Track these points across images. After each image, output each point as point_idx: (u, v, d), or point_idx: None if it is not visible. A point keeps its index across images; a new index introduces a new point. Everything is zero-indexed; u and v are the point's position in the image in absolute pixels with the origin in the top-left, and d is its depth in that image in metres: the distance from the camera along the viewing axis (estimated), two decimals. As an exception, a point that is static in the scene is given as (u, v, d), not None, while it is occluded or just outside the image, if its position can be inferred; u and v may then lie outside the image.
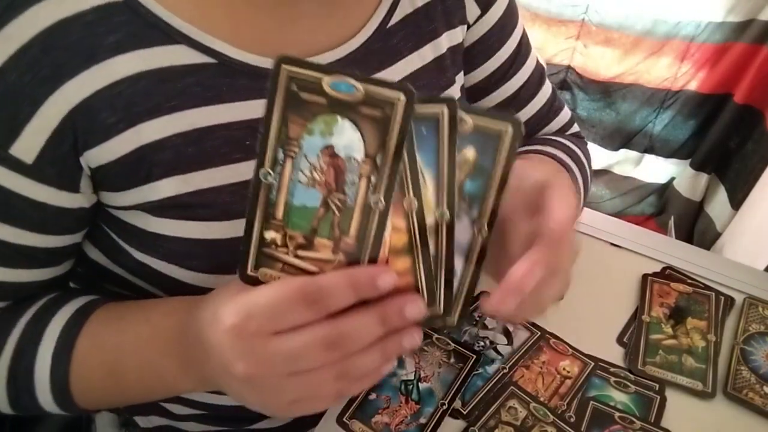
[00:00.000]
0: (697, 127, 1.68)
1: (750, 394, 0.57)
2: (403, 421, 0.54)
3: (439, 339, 0.60)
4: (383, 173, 0.34)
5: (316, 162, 0.34)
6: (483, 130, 0.36)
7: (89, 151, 0.44)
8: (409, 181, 0.36)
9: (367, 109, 0.33)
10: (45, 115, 0.42)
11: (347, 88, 0.32)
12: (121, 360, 0.47)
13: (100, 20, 0.42)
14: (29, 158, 0.43)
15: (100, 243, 0.52)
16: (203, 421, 0.64)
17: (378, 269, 0.35)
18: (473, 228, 0.38)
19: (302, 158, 0.34)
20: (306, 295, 0.35)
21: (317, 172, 0.34)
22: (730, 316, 0.65)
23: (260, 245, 0.36)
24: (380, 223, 0.35)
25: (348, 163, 0.34)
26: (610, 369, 0.59)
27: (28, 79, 0.41)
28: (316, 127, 0.33)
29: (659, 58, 1.63)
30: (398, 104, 0.32)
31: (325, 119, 0.33)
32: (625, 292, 0.68)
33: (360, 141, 0.33)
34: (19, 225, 0.45)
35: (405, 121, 0.33)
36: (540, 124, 0.71)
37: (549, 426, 0.54)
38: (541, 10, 1.69)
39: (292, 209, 0.35)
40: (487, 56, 0.64)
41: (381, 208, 0.34)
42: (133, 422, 0.70)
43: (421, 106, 0.34)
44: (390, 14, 0.54)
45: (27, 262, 0.48)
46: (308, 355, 0.36)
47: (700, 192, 1.72)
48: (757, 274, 0.71)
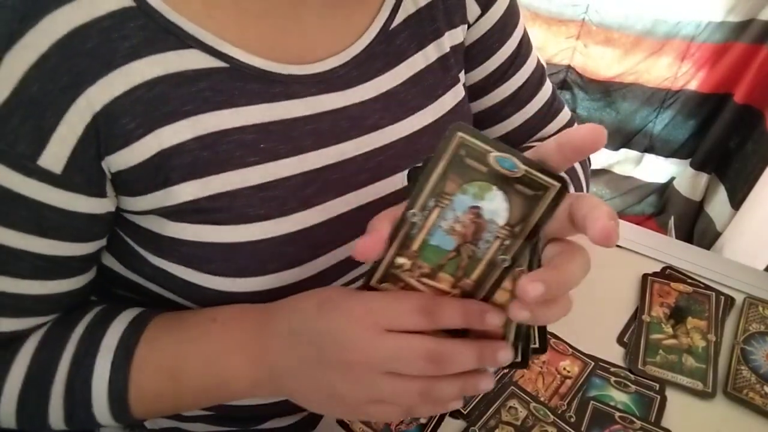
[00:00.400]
0: (697, 126, 1.68)
1: (750, 393, 0.58)
2: (403, 421, 0.54)
3: (439, 339, 0.60)
4: (517, 241, 0.37)
5: (461, 217, 0.38)
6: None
7: (110, 156, 0.44)
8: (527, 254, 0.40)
9: (521, 187, 0.36)
10: (69, 123, 0.41)
11: (511, 166, 0.36)
12: (181, 362, 0.47)
13: (116, 26, 0.42)
14: (58, 168, 0.42)
15: (114, 248, 0.52)
16: (211, 422, 0.64)
17: (489, 307, 0.39)
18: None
19: (450, 210, 0.38)
20: (424, 306, 0.39)
21: (459, 225, 0.38)
22: (730, 316, 0.65)
23: (390, 266, 0.41)
24: (500, 277, 0.39)
25: (489, 224, 0.37)
26: (611, 369, 0.59)
27: (50, 87, 0.41)
28: (471, 190, 0.37)
29: (659, 57, 1.63)
30: (551, 190, 0.35)
31: (480, 185, 0.37)
32: (625, 292, 0.68)
33: (506, 211, 0.37)
34: (53, 236, 0.45)
35: (552, 207, 0.36)
36: (540, 124, 0.70)
37: (549, 426, 0.54)
38: (542, 9, 1.69)
39: (427, 246, 0.39)
40: (487, 56, 0.64)
41: (506, 265, 0.38)
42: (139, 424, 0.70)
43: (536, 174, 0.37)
44: (393, 15, 0.54)
45: (63, 273, 0.48)
46: (410, 358, 0.40)
47: (700, 192, 1.72)
48: (757, 274, 0.71)
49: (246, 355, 0.46)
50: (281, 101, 0.48)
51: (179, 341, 0.48)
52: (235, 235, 0.47)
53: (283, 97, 0.48)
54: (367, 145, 0.52)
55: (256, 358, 0.45)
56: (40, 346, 0.48)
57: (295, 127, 0.49)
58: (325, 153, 0.50)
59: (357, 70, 0.52)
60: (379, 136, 0.53)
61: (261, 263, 0.49)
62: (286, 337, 0.44)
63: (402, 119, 0.55)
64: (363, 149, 0.52)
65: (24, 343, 0.48)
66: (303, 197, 0.49)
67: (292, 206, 0.49)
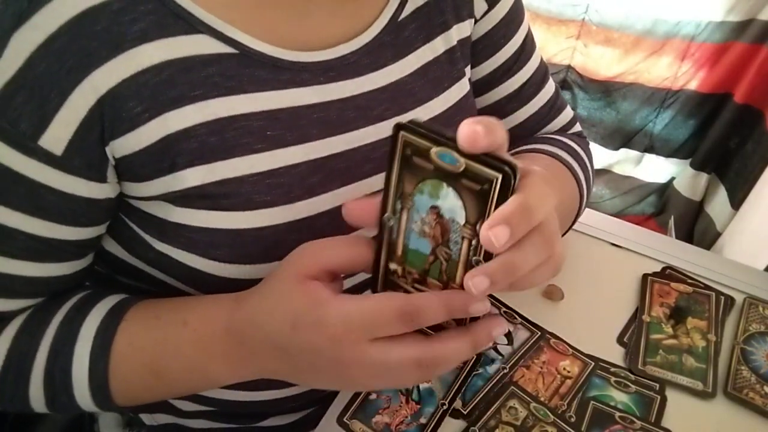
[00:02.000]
0: (697, 126, 1.68)
1: (750, 394, 0.58)
2: (403, 421, 0.54)
3: (439, 339, 0.60)
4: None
5: (425, 217, 0.38)
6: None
7: (115, 140, 0.44)
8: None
9: (467, 182, 0.35)
10: (73, 105, 0.42)
11: (451, 160, 0.35)
12: (163, 362, 0.47)
13: (126, 9, 0.42)
14: (58, 149, 0.42)
15: (118, 235, 0.52)
16: (211, 418, 0.64)
17: (472, 297, 0.37)
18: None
19: (415, 212, 0.38)
20: (404, 312, 0.38)
21: (426, 227, 0.38)
22: (730, 316, 0.65)
23: (386, 273, 0.41)
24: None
25: (452, 224, 0.37)
26: (611, 369, 0.59)
27: (56, 68, 0.41)
28: (425, 189, 0.37)
29: (659, 57, 1.63)
30: (495, 182, 0.34)
31: (432, 183, 0.36)
32: (625, 292, 0.68)
33: (462, 209, 0.36)
34: (49, 218, 0.45)
35: (502, 200, 0.35)
36: (541, 122, 0.71)
37: (549, 426, 0.54)
38: (542, 9, 1.69)
39: (408, 250, 0.39)
40: (492, 52, 0.64)
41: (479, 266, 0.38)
42: (138, 421, 0.70)
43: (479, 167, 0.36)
44: (402, 7, 0.54)
45: (57, 256, 0.48)
46: (400, 368, 0.40)
47: (700, 192, 1.72)
48: (757, 274, 0.71)
49: (229, 363, 0.46)
50: (289, 89, 0.48)
51: (158, 342, 0.47)
52: (241, 221, 0.47)
53: (292, 85, 0.48)
54: (373, 135, 0.53)
55: (241, 364, 0.46)
56: (20, 330, 0.48)
57: (302, 115, 0.49)
58: (331, 142, 0.50)
59: (367, 58, 0.52)
60: (385, 127, 0.53)
61: (265, 250, 0.49)
62: (272, 350, 0.43)
63: (408, 110, 0.55)
64: (369, 139, 0.52)
65: (6, 326, 0.48)
66: (308, 185, 0.49)
67: (298, 194, 0.49)
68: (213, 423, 0.65)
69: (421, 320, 0.38)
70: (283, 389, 0.62)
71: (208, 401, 0.62)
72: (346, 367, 0.40)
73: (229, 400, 0.61)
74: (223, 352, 0.45)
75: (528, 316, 0.63)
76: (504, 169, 0.34)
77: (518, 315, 0.63)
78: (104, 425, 0.72)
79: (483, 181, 0.35)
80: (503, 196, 0.35)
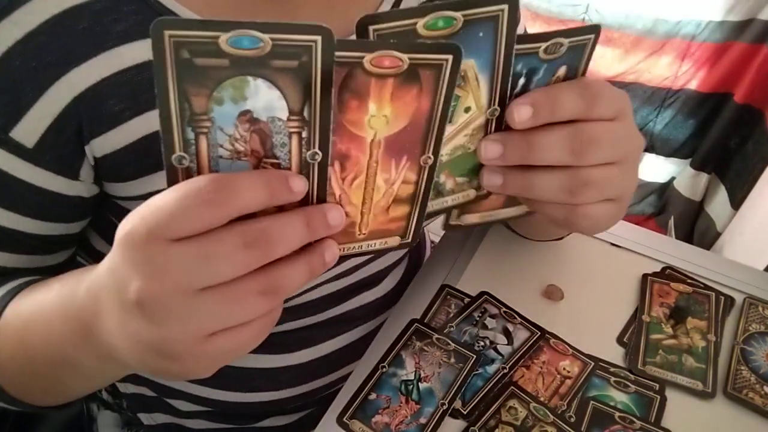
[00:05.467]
0: (698, 126, 1.68)
1: (750, 394, 0.57)
2: (403, 421, 0.54)
3: (439, 339, 0.60)
4: (314, 126, 0.31)
5: (234, 132, 0.30)
6: (572, 47, 0.38)
7: (96, 139, 0.44)
8: (433, 138, 0.35)
9: (280, 62, 0.28)
10: (49, 100, 0.42)
11: (251, 42, 0.28)
12: (31, 327, 0.43)
13: (110, 9, 0.42)
14: (30, 142, 0.43)
15: (105, 233, 0.53)
16: (209, 418, 0.64)
17: (288, 172, 0.32)
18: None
19: (217, 132, 0.30)
20: (208, 189, 0.29)
21: (239, 143, 0.31)
22: (730, 316, 0.65)
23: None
24: (321, 176, 0.33)
25: (272, 124, 0.30)
26: (610, 369, 0.59)
27: (34, 64, 0.41)
28: (225, 95, 0.29)
29: (659, 57, 1.63)
30: (315, 47, 0.28)
31: (233, 84, 0.29)
32: (625, 292, 0.68)
33: (280, 99, 0.30)
34: (13, 209, 0.45)
35: (326, 63, 0.29)
36: None
37: (549, 426, 0.54)
38: (542, 9, 1.68)
39: None
40: None
41: (319, 160, 0.32)
42: (136, 421, 0.70)
43: (478, 10, 0.33)
44: (396, 6, 0.54)
45: (16, 247, 0.48)
46: (223, 253, 0.29)
47: (700, 192, 1.71)
48: (757, 274, 0.71)
49: (74, 324, 0.38)
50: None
51: (31, 308, 0.44)
52: None
53: None
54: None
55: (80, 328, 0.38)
56: None
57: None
58: None
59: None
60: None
61: None
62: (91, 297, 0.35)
63: None
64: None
65: None
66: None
67: None
68: (211, 423, 0.65)
69: (235, 198, 0.30)
70: (282, 390, 0.62)
71: (207, 401, 0.62)
72: (153, 285, 0.29)
73: (227, 400, 0.61)
74: (71, 313, 0.38)
75: (528, 316, 0.63)
76: (320, 27, 0.28)
77: (518, 315, 0.63)
78: (103, 425, 0.72)
79: (300, 50, 0.28)
80: (327, 59, 0.29)
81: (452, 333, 0.61)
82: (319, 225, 0.33)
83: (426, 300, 0.65)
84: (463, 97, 0.37)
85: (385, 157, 0.36)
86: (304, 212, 0.33)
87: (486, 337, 0.61)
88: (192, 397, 0.62)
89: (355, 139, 0.34)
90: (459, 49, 0.32)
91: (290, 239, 0.32)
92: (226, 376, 0.61)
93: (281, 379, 0.63)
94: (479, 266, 0.70)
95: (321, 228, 0.33)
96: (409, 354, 0.59)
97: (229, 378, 0.61)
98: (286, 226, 0.31)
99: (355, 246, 0.39)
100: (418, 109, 0.34)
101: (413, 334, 0.61)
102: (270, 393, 0.62)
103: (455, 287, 0.67)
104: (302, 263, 0.33)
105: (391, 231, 0.40)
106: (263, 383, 0.63)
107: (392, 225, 0.40)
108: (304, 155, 0.32)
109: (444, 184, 0.41)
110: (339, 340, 0.65)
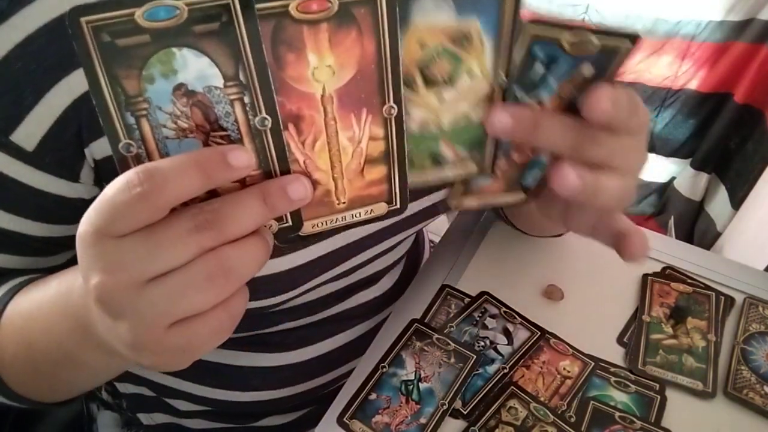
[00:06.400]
0: (698, 126, 1.68)
1: (750, 394, 0.57)
2: (403, 421, 0.54)
3: (439, 339, 0.60)
4: (254, 87, 0.29)
5: (173, 109, 0.29)
6: (605, 49, 0.35)
7: (95, 141, 0.44)
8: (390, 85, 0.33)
9: (201, 26, 0.27)
10: (49, 103, 0.42)
11: (167, 12, 0.27)
12: (31, 325, 0.43)
13: None
14: (30, 145, 0.43)
15: None
16: (208, 418, 0.64)
17: (225, 147, 0.30)
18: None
19: (158, 112, 0.29)
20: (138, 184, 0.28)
21: (182, 119, 0.29)
22: (730, 316, 0.65)
23: None
24: (277, 143, 0.31)
25: (210, 94, 0.29)
26: (611, 369, 0.59)
27: (33, 67, 0.41)
28: (155, 71, 0.28)
29: (659, 57, 1.63)
30: (234, 3, 0.27)
31: (159, 59, 0.28)
32: (625, 292, 0.68)
33: (211, 65, 0.28)
34: (14, 211, 0.46)
35: (250, 22, 0.28)
36: None
37: (549, 426, 0.54)
38: (542, 9, 1.68)
39: None
40: None
41: (270, 125, 0.30)
42: (136, 420, 0.70)
43: None
44: None
45: (18, 249, 0.48)
46: (172, 239, 0.29)
47: (700, 192, 1.71)
48: (757, 274, 0.71)
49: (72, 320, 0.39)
50: None
51: (30, 305, 0.44)
52: None
53: None
54: None
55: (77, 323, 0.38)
56: None
57: None
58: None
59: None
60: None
61: None
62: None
63: None
64: None
65: None
66: None
67: None
68: (210, 423, 0.65)
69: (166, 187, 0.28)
70: (280, 389, 0.62)
71: (206, 401, 0.62)
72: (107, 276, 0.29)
73: (226, 400, 0.61)
74: (68, 309, 0.39)
75: (528, 316, 0.63)
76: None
77: (518, 315, 0.63)
78: (102, 425, 0.72)
79: (217, 12, 0.27)
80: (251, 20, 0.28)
81: (452, 333, 0.61)
82: (278, 200, 0.31)
83: (426, 300, 0.65)
84: (465, 60, 0.35)
85: (342, 113, 0.33)
86: (260, 188, 0.31)
87: (486, 337, 0.61)
88: (191, 396, 0.62)
89: (305, 97, 0.32)
90: None
91: (245, 219, 0.30)
92: (224, 375, 0.61)
93: (280, 378, 0.63)
94: (479, 266, 0.70)
95: (281, 203, 0.31)
96: (410, 354, 0.59)
97: (228, 377, 0.62)
98: (238, 204, 0.30)
99: (338, 217, 0.37)
100: (363, 54, 0.32)
101: (413, 334, 0.61)
102: (269, 392, 0.62)
103: (455, 287, 0.67)
104: (252, 241, 0.31)
105: (373, 197, 0.37)
106: (262, 382, 0.63)
107: (373, 189, 0.36)
108: (252, 123, 0.30)
109: (443, 154, 0.38)
110: (337, 339, 0.65)
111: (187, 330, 0.30)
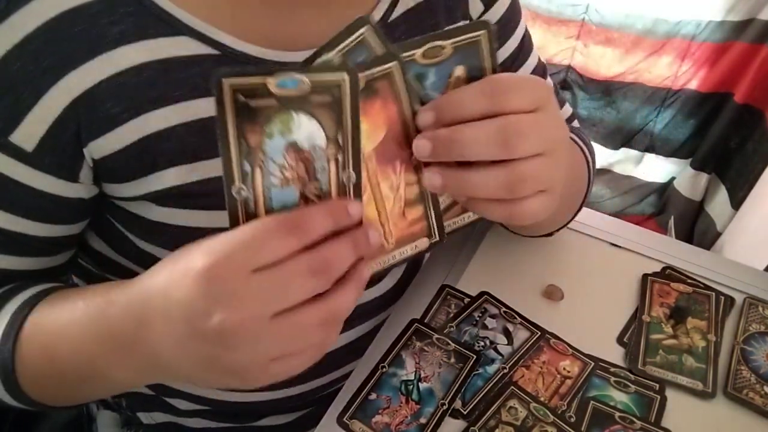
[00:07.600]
0: (698, 126, 1.68)
1: (750, 394, 0.57)
2: (403, 421, 0.54)
3: (439, 339, 0.60)
4: (347, 149, 0.35)
5: (284, 162, 0.35)
6: (461, 47, 0.39)
7: (94, 141, 0.44)
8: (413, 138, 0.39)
9: (317, 97, 0.34)
10: (47, 104, 0.42)
11: (293, 83, 0.33)
12: (57, 343, 0.44)
13: (105, 11, 0.42)
14: (29, 146, 0.43)
15: (103, 232, 0.53)
16: (208, 417, 0.64)
17: (346, 200, 0.37)
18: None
19: (270, 163, 0.35)
20: (286, 224, 0.34)
21: (288, 171, 0.35)
22: (730, 316, 0.65)
23: None
24: (356, 194, 0.37)
25: (314, 152, 0.35)
26: (611, 369, 0.59)
27: (32, 68, 0.41)
28: (275, 129, 0.34)
29: (660, 57, 1.63)
30: (344, 84, 0.34)
31: (280, 119, 0.34)
32: (625, 292, 0.67)
33: (319, 129, 0.35)
34: (15, 212, 0.46)
35: (354, 97, 0.34)
36: None
37: (549, 426, 0.54)
38: (542, 9, 1.68)
39: (274, 211, 0.36)
40: None
41: (353, 180, 0.36)
42: (136, 420, 0.70)
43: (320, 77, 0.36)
44: (392, 8, 0.54)
45: (20, 250, 0.48)
46: (295, 282, 0.33)
47: (700, 192, 1.71)
48: (757, 274, 0.71)
49: (109, 345, 0.40)
50: None
51: (56, 323, 0.45)
52: (220, 220, 0.47)
53: None
54: None
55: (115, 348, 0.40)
56: None
57: None
58: None
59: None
60: None
61: None
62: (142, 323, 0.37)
63: None
64: None
65: None
66: None
67: None
68: (210, 422, 0.65)
69: (306, 227, 0.34)
70: (280, 389, 0.62)
71: (205, 401, 0.62)
72: (235, 315, 0.32)
73: (226, 399, 0.61)
74: (104, 332, 0.40)
75: (528, 316, 0.63)
76: (348, 67, 0.34)
77: (518, 315, 0.63)
78: (102, 424, 0.72)
79: (332, 87, 0.34)
80: (354, 94, 0.34)
81: (452, 333, 0.61)
82: (363, 246, 0.36)
83: (426, 300, 0.65)
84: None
85: (381, 167, 0.40)
86: (352, 236, 0.36)
87: (486, 337, 0.61)
88: (191, 396, 0.62)
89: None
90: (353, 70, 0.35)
91: (344, 263, 0.35)
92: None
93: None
94: (479, 266, 0.70)
95: (364, 248, 0.36)
96: (410, 354, 0.59)
97: None
98: (340, 250, 0.35)
99: (389, 257, 0.43)
100: (388, 116, 0.39)
101: (413, 334, 0.61)
102: (268, 392, 0.62)
103: (455, 287, 0.67)
104: (353, 287, 0.36)
105: (415, 234, 0.43)
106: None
107: (415, 228, 0.43)
108: (340, 178, 0.36)
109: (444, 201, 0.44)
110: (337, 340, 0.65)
111: (287, 364, 0.36)
